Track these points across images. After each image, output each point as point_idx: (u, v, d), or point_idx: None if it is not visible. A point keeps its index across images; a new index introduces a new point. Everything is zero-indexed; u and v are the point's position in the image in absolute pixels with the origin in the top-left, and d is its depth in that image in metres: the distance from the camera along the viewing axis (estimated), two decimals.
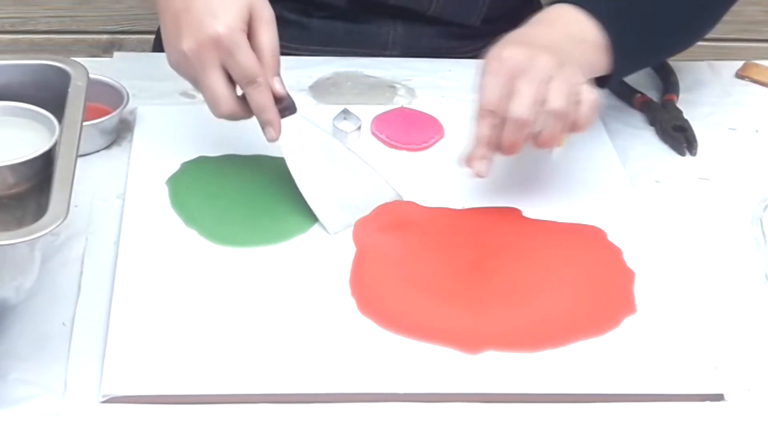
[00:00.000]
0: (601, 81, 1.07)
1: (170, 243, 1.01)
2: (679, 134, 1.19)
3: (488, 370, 0.91)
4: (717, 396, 0.90)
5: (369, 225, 1.03)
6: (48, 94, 0.96)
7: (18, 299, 0.88)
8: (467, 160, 1.03)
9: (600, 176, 1.13)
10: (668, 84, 1.27)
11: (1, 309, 0.90)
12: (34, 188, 0.92)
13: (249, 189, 1.07)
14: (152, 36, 1.45)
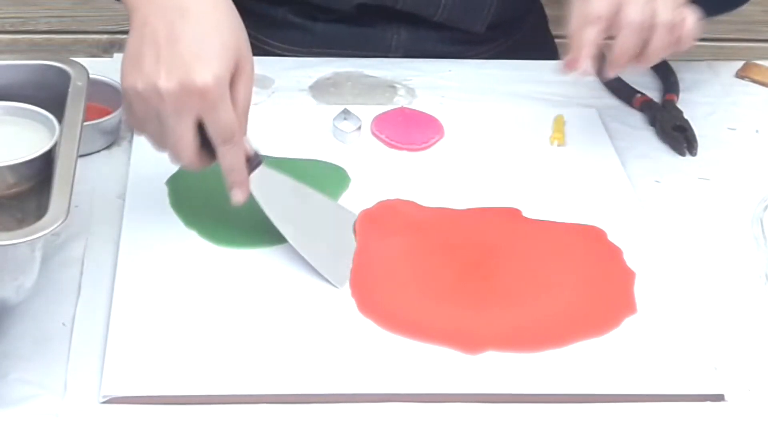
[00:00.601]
0: None
1: (170, 243, 1.01)
2: (679, 134, 1.19)
3: (488, 370, 0.91)
4: (717, 396, 0.90)
5: (369, 225, 1.03)
6: (48, 94, 0.97)
7: (18, 299, 0.88)
8: (571, 62, 1.05)
9: (600, 176, 1.13)
10: (668, 84, 1.27)
11: (2, 309, 0.90)
12: (34, 188, 0.92)
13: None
14: None
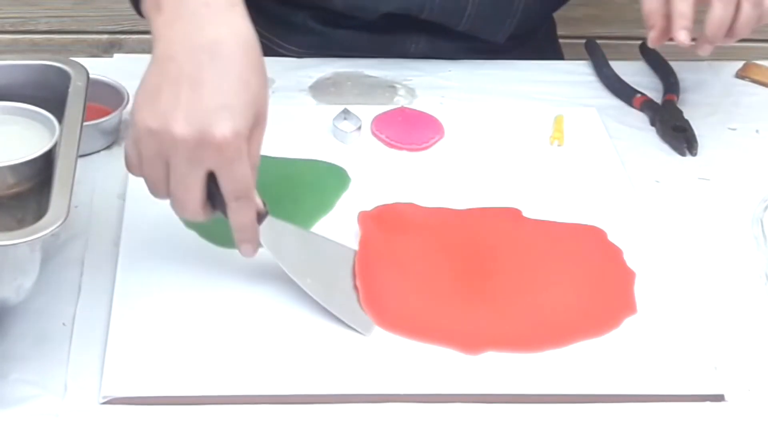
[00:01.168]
0: None
1: (170, 244, 1.01)
2: (679, 134, 1.19)
3: (488, 371, 0.91)
4: (717, 396, 0.90)
5: (369, 225, 1.03)
6: (48, 94, 0.96)
7: (18, 299, 0.88)
8: (657, 38, 1.12)
9: (600, 176, 1.13)
10: (668, 84, 1.27)
11: (2, 309, 0.90)
12: (34, 188, 0.92)
13: None
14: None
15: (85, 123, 0.95)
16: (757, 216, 1.05)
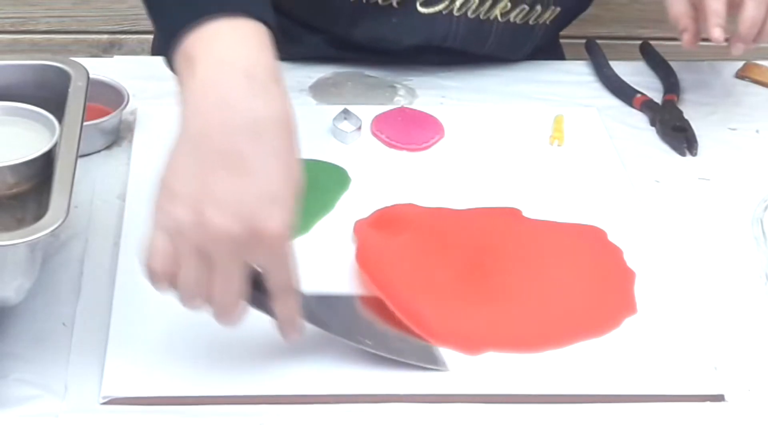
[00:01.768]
0: None
1: None
2: (680, 134, 1.19)
3: (488, 371, 0.91)
4: (717, 396, 0.90)
5: (369, 226, 1.03)
6: (48, 94, 0.96)
7: (18, 299, 0.88)
8: (691, 40, 1.13)
9: (600, 176, 1.13)
10: (668, 84, 1.27)
11: (2, 309, 0.90)
12: (34, 188, 0.92)
13: None
14: (152, 36, 1.45)
15: (85, 123, 0.94)
16: (757, 216, 1.05)
